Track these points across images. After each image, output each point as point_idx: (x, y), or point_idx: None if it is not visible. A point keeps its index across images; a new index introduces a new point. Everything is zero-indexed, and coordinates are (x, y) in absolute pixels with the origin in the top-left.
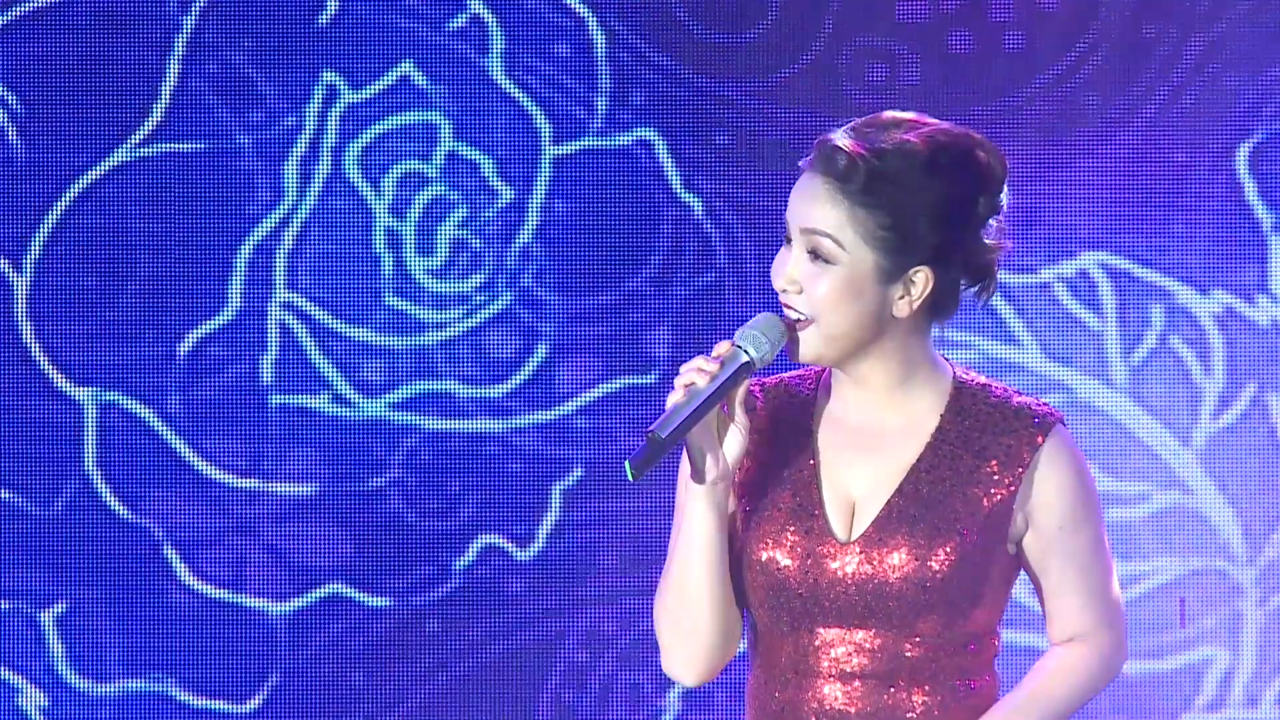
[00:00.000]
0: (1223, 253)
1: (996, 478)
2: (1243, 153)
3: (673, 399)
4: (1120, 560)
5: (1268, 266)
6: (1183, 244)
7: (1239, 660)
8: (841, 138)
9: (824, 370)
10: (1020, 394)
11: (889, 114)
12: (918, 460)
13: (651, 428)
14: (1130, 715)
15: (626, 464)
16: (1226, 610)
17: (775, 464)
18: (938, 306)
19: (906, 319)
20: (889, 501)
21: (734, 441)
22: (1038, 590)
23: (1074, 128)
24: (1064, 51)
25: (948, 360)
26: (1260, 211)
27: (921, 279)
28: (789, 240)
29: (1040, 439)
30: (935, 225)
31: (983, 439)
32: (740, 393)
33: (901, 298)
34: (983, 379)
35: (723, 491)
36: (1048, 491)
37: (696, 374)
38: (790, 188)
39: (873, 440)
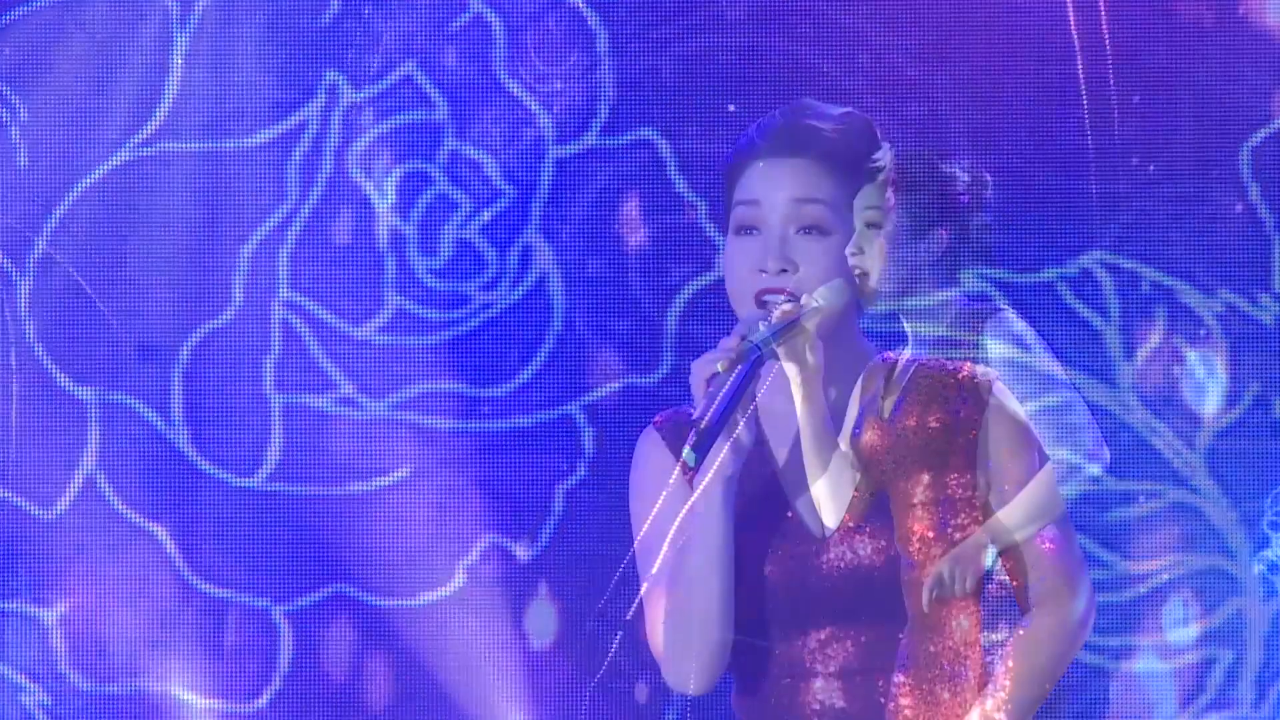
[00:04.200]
0: (1226, 252)
1: (951, 444)
2: (1246, 152)
3: (698, 381)
4: (1123, 559)
5: (1271, 266)
6: (1186, 243)
7: (1242, 660)
8: (797, 120)
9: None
10: (951, 361)
11: (808, 100)
12: (874, 443)
13: (698, 415)
14: (1131, 715)
15: (687, 450)
16: (1229, 609)
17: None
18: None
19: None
20: (855, 489)
21: (742, 439)
22: (1004, 561)
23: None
24: None
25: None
26: (1264, 211)
27: (879, 244)
28: (750, 230)
29: (987, 399)
30: (883, 190)
31: (929, 409)
32: (751, 388)
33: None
34: (908, 353)
35: (733, 491)
36: (1002, 451)
37: (723, 355)
38: None
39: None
